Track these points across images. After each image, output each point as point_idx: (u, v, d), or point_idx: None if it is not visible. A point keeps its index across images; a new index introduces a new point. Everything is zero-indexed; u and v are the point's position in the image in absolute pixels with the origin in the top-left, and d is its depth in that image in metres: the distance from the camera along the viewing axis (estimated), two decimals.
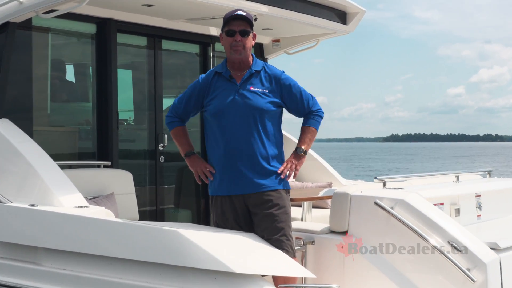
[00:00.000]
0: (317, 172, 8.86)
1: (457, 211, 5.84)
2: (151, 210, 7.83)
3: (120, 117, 7.84)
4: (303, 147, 5.30)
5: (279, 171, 5.13)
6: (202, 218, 8.20)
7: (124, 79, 8.17)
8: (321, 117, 5.40)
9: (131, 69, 8.32)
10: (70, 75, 7.58)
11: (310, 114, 5.35)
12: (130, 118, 8.37)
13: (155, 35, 7.76)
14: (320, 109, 5.40)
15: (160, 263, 4.64)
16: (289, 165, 5.18)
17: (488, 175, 7.29)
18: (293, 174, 5.21)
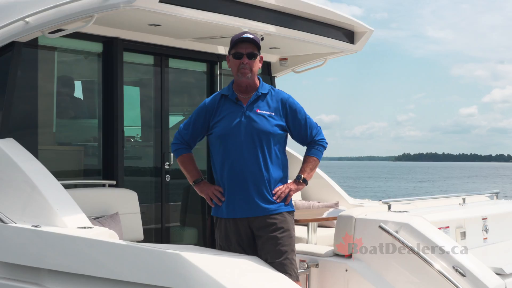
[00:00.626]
0: (324, 191, 8.82)
1: (463, 234, 5.80)
2: (156, 229, 7.81)
3: (127, 134, 7.84)
4: (303, 176, 5.28)
5: (273, 192, 5.10)
6: (208, 236, 8.17)
7: (132, 96, 8.17)
8: (324, 148, 5.37)
9: (139, 86, 8.33)
10: (76, 93, 7.58)
11: (313, 144, 5.33)
12: (137, 135, 8.37)
13: (162, 54, 7.76)
14: (324, 139, 5.37)
15: (163, 286, 4.61)
16: (283, 188, 5.15)
17: (495, 197, 7.25)
18: (284, 198, 5.16)
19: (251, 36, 5.13)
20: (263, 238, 5.06)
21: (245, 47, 5.12)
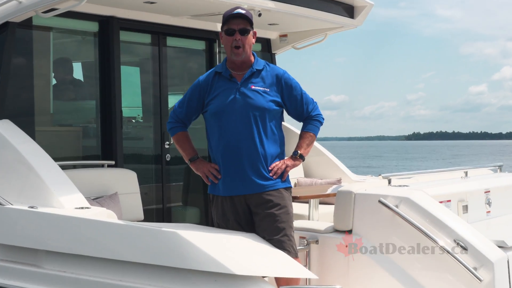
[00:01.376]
0: (326, 168, 8.78)
1: (465, 208, 5.74)
2: (158, 209, 7.77)
3: (128, 115, 7.78)
4: (300, 151, 5.21)
5: (269, 168, 5.04)
6: (210, 216, 8.13)
7: (132, 76, 8.12)
8: (321, 123, 5.30)
9: (139, 66, 8.27)
10: (73, 74, 7.52)
11: (310, 119, 5.26)
12: (138, 115, 8.33)
13: (160, 32, 7.69)
14: (320, 114, 5.30)
15: (160, 265, 4.57)
16: (280, 164, 5.08)
17: (498, 170, 7.18)
18: (281, 174, 5.10)
19: (243, 12, 5.05)
20: (260, 215, 5.01)
21: (237, 23, 5.04)
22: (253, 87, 5.07)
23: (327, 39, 8.83)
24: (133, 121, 8.22)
